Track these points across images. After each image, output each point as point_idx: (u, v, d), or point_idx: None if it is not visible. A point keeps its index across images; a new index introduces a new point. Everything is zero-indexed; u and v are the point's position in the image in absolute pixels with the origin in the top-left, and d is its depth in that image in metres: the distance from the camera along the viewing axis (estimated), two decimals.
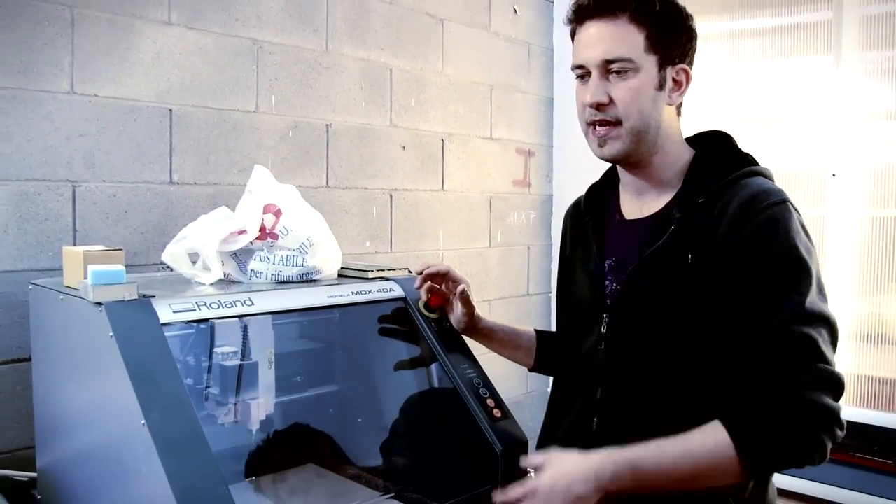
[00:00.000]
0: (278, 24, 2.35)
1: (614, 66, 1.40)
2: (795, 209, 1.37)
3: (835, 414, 1.25)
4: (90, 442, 1.50)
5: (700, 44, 1.52)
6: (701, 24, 1.50)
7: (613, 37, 1.39)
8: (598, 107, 1.42)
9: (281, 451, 1.88)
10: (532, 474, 1.37)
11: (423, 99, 2.82)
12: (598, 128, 1.44)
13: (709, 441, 1.26)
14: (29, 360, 1.79)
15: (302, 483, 1.84)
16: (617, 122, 1.42)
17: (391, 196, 2.72)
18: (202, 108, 2.17)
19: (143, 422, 1.24)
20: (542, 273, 3.36)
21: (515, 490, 1.31)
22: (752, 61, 2.96)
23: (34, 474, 1.76)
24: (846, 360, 2.75)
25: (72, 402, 1.58)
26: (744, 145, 1.52)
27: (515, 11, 3.20)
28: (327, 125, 2.50)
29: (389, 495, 1.73)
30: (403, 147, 2.75)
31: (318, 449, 1.92)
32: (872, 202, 2.70)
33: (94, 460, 1.49)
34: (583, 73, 1.45)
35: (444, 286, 1.77)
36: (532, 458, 1.35)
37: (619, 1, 1.40)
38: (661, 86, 1.43)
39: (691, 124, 1.59)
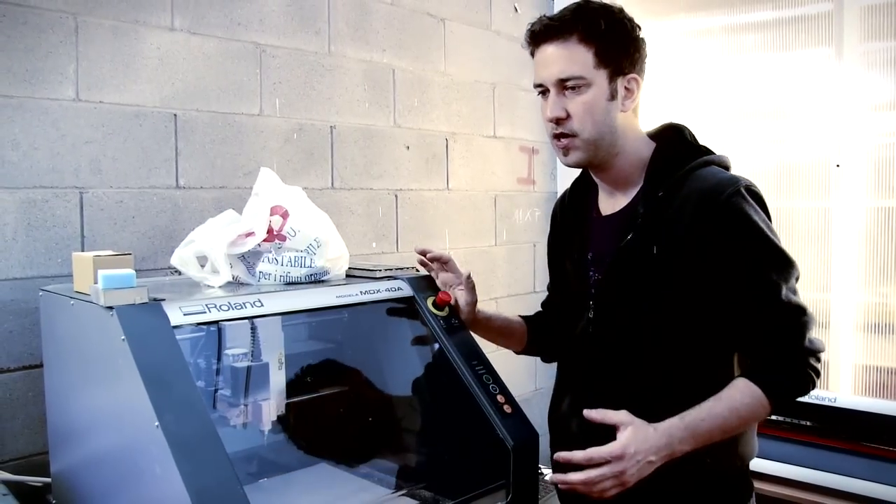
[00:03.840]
0: (280, 27, 2.36)
1: (568, 84, 1.53)
2: (749, 187, 1.51)
3: (821, 349, 1.50)
4: (104, 445, 1.51)
5: (702, 38, 1.56)
6: (702, 19, 1.53)
7: (565, 57, 1.53)
8: (558, 121, 1.56)
9: (293, 450, 1.89)
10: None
11: (426, 99, 2.83)
12: (560, 140, 1.57)
13: (747, 398, 1.45)
14: (40, 366, 1.80)
15: (315, 482, 1.85)
16: (574, 134, 1.55)
17: (396, 196, 2.73)
18: (207, 112, 2.18)
19: (156, 424, 1.24)
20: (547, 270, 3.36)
21: (598, 452, 1.38)
22: (753, 55, 2.96)
23: (48, 479, 1.77)
24: (853, 350, 2.75)
25: (84, 406, 1.58)
26: (747, 139, 1.57)
27: (516, 10, 3.21)
28: (331, 127, 2.51)
29: (401, 492, 1.74)
30: (407, 147, 2.76)
31: (329, 448, 1.93)
32: (877, 192, 2.70)
33: (108, 464, 1.50)
34: (543, 91, 1.59)
35: (442, 275, 1.87)
36: (611, 415, 1.42)
37: (567, 25, 1.54)
38: (612, 96, 1.55)
39: (693, 120, 1.69)
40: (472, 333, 1.85)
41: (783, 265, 1.48)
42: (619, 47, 1.54)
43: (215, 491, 1.22)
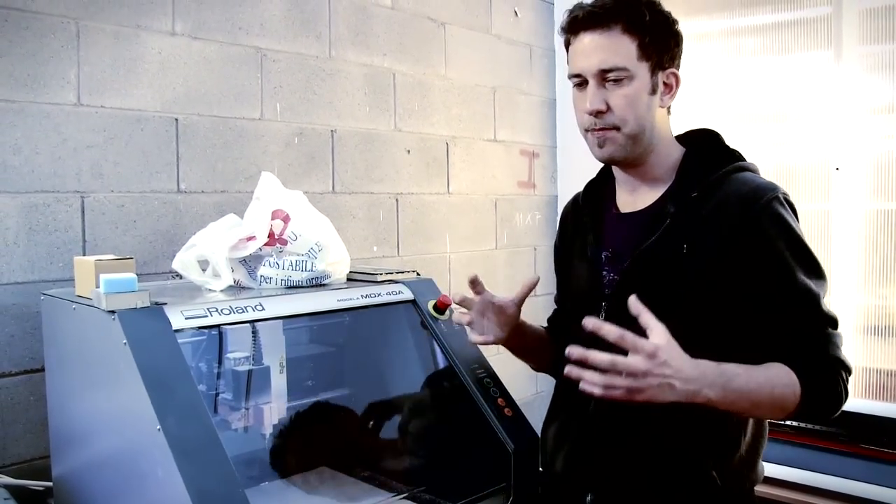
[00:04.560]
0: (281, 32, 2.37)
1: (610, 76, 1.47)
2: (785, 196, 1.48)
3: (850, 368, 1.42)
4: (105, 449, 1.52)
5: (701, 42, 1.55)
6: (701, 22, 1.54)
7: (608, 47, 1.47)
8: (597, 114, 1.49)
9: (294, 454, 1.89)
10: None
11: (426, 103, 2.83)
12: (595, 132, 1.51)
13: (784, 378, 1.36)
14: (42, 370, 1.80)
15: (316, 486, 1.85)
16: (614, 128, 1.49)
17: (397, 200, 2.73)
18: (208, 116, 2.19)
19: (158, 427, 1.25)
20: (548, 274, 3.35)
21: (633, 337, 1.26)
22: (752, 58, 2.96)
23: (49, 484, 1.77)
24: (853, 352, 2.75)
25: (86, 410, 1.59)
26: (747, 142, 1.56)
27: (516, 14, 3.21)
28: (332, 131, 2.52)
29: (402, 496, 1.74)
30: (408, 151, 2.76)
31: (330, 452, 1.93)
32: (876, 195, 2.70)
33: (110, 467, 1.50)
34: (580, 82, 1.52)
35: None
36: (652, 322, 1.29)
37: (612, 12, 1.47)
38: (653, 90, 1.51)
39: (693, 122, 1.65)
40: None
41: (819, 277, 1.44)
42: (661, 40, 1.50)
43: (217, 494, 1.23)
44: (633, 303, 1.30)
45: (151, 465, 1.29)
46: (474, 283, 1.60)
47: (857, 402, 2.69)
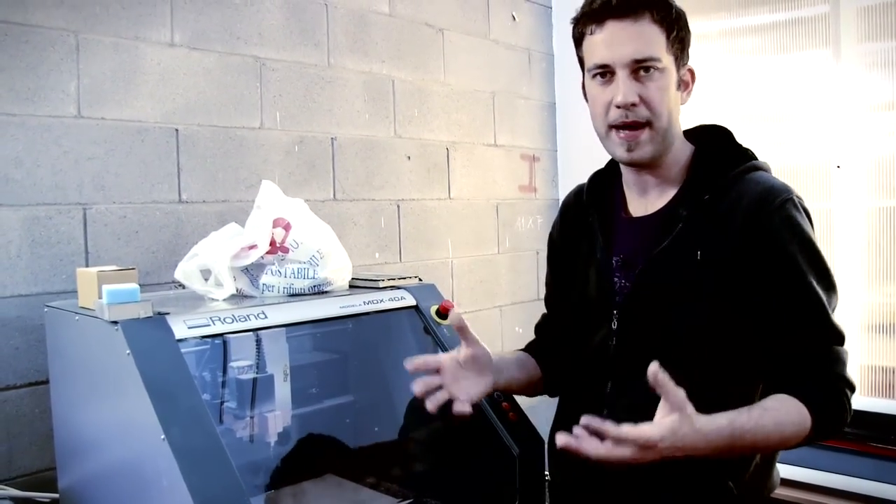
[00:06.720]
0: (280, 41, 2.37)
1: (644, 66, 1.40)
2: (799, 198, 1.42)
3: (854, 386, 1.37)
4: (111, 460, 1.52)
5: (699, 42, 1.53)
6: (699, 23, 1.52)
7: (641, 36, 1.39)
8: (630, 107, 1.40)
9: (299, 462, 1.89)
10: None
11: (426, 109, 2.84)
12: (624, 131, 1.42)
13: (794, 415, 1.30)
14: (46, 382, 1.80)
15: (321, 494, 1.85)
16: (646, 124, 1.41)
17: (398, 206, 2.73)
18: (208, 126, 2.19)
19: (162, 437, 1.25)
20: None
21: (630, 434, 1.17)
22: (751, 58, 2.97)
23: (56, 495, 1.77)
24: (858, 350, 2.74)
25: (91, 421, 1.59)
26: (748, 142, 1.53)
27: (514, 18, 3.22)
28: (332, 139, 2.52)
29: (408, 502, 1.74)
30: (409, 157, 2.77)
31: (336, 459, 1.93)
32: (878, 193, 2.70)
33: (116, 478, 1.50)
34: (604, 73, 1.43)
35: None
36: (672, 388, 1.19)
37: (642, 2, 1.40)
38: (678, 86, 1.46)
39: (692, 124, 1.60)
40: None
41: (830, 287, 1.39)
42: (683, 34, 1.44)
43: (222, 503, 1.22)
44: (654, 372, 1.18)
45: (156, 475, 1.29)
46: (462, 329, 1.47)
47: (863, 400, 2.68)
